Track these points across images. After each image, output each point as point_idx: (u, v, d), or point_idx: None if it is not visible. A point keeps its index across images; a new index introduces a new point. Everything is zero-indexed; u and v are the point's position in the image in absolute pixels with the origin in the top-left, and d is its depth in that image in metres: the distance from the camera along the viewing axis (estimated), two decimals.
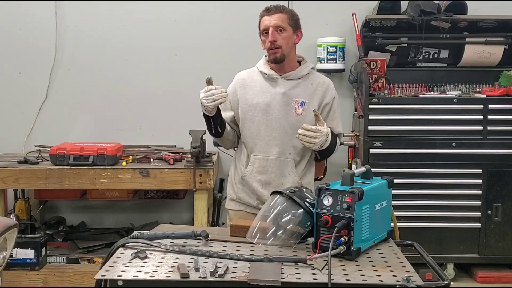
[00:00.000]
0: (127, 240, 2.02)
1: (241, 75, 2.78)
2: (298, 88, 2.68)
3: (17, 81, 4.34)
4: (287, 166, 2.68)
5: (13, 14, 4.31)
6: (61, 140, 3.99)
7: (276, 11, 2.63)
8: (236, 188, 2.77)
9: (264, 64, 2.73)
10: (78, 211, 4.40)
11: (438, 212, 3.78)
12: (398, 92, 3.99)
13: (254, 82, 2.72)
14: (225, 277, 1.70)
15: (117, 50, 4.33)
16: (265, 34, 2.64)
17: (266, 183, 2.68)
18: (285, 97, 2.66)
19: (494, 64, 4.11)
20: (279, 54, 2.62)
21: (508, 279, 3.77)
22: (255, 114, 2.68)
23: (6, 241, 2.46)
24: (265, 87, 2.69)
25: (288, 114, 2.65)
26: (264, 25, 2.64)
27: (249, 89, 2.71)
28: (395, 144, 3.76)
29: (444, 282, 1.73)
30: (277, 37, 2.61)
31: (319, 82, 2.73)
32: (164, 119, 4.36)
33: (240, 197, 2.75)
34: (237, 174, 2.78)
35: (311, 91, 2.69)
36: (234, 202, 2.80)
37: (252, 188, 2.70)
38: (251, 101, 2.68)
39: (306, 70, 2.71)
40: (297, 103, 2.65)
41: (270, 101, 2.66)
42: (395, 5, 4.11)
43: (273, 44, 2.60)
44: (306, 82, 2.70)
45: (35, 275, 3.60)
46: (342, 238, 1.85)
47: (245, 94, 2.71)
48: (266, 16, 2.65)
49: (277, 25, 2.61)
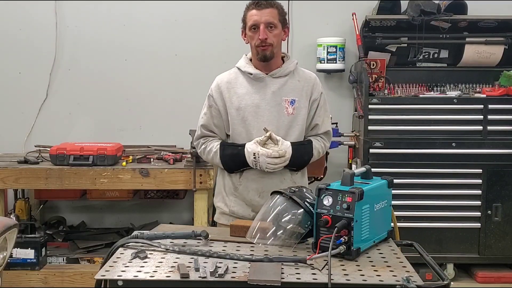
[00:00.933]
0: (127, 240, 2.01)
1: (223, 78, 2.58)
2: (286, 86, 2.52)
3: (17, 81, 4.34)
4: (283, 171, 2.50)
5: (13, 14, 4.31)
6: (61, 140, 3.98)
7: (267, 6, 2.45)
8: (228, 200, 2.57)
9: (247, 64, 2.55)
10: (78, 211, 4.40)
11: (438, 212, 3.78)
12: (398, 92, 3.99)
13: (239, 84, 2.54)
14: (225, 277, 1.70)
15: (117, 50, 4.34)
16: (254, 30, 2.46)
17: (263, 191, 2.49)
18: (274, 96, 2.50)
19: (494, 64, 4.11)
20: (268, 52, 2.46)
21: (508, 279, 3.77)
22: (245, 118, 2.49)
23: (6, 241, 2.45)
24: (252, 88, 2.51)
25: (279, 115, 2.49)
26: (253, 20, 2.45)
27: (234, 92, 2.52)
28: (395, 144, 3.77)
29: (444, 282, 1.73)
30: (268, 34, 2.43)
31: (305, 77, 2.58)
32: (164, 119, 4.36)
33: (234, 210, 2.56)
34: (228, 186, 2.58)
35: (299, 88, 2.54)
36: (227, 216, 2.58)
37: (248, 199, 2.53)
38: (239, 104, 2.50)
39: (292, 66, 2.55)
40: (287, 102, 2.50)
41: (260, 102, 2.49)
42: (395, 5, 4.12)
43: (264, 42, 2.43)
44: (293, 79, 2.55)
45: (35, 275, 3.60)
46: (342, 238, 1.84)
47: (231, 98, 2.52)
48: (255, 10, 2.45)
49: (268, 22, 2.44)
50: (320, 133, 2.62)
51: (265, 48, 2.45)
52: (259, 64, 2.52)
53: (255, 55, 2.51)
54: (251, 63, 2.55)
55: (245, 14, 2.51)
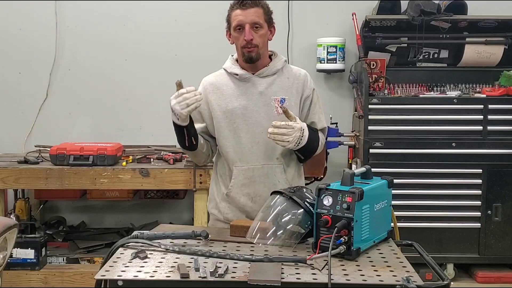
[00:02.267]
0: (127, 240, 2.01)
1: (208, 80, 2.50)
2: (274, 85, 2.43)
3: (17, 81, 4.34)
4: (276, 173, 2.42)
5: (13, 14, 4.31)
6: (61, 140, 3.98)
7: (252, 5, 2.35)
8: (221, 207, 2.50)
9: (233, 65, 2.47)
10: (78, 211, 4.40)
11: (438, 212, 3.78)
12: (398, 92, 3.99)
13: (225, 85, 2.46)
14: (225, 277, 1.70)
15: (117, 50, 4.34)
16: (238, 30, 2.37)
17: (255, 196, 2.42)
18: (262, 96, 2.41)
19: (494, 64, 4.11)
20: (254, 53, 2.37)
21: (508, 279, 3.77)
22: (232, 121, 2.41)
23: (6, 241, 2.45)
24: (238, 90, 2.43)
25: (269, 115, 2.39)
26: (238, 20, 2.35)
27: (220, 94, 2.45)
28: (395, 144, 3.76)
29: (444, 282, 1.73)
30: (254, 35, 2.34)
31: (295, 74, 2.48)
32: (164, 119, 4.29)
33: (228, 217, 2.47)
34: (219, 191, 2.52)
35: (289, 86, 2.45)
36: (222, 223, 2.51)
37: (240, 204, 2.44)
38: (225, 107, 2.42)
39: (279, 64, 2.47)
40: (277, 101, 2.41)
41: (247, 104, 2.41)
42: (395, 5, 4.12)
43: (250, 43, 2.35)
44: (281, 77, 2.45)
45: (35, 275, 3.60)
46: (342, 238, 1.84)
47: (217, 100, 2.44)
48: (239, 10, 2.35)
49: (254, 22, 2.34)
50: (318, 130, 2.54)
51: (250, 50, 2.37)
52: (245, 64, 2.44)
53: (241, 56, 2.43)
54: (237, 64, 2.47)
55: (229, 14, 2.42)
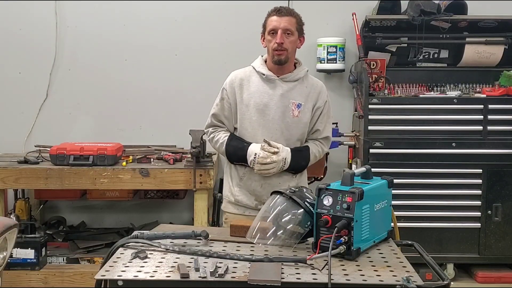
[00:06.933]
0: (127, 240, 2.02)
1: (237, 75, 2.77)
2: (295, 90, 2.71)
3: (17, 81, 4.34)
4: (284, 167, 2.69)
5: (13, 14, 4.31)
6: (61, 140, 3.98)
7: (286, 14, 2.67)
8: (233, 190, 2.78)
9: (261, 65, 2.74)
10: (78, 211, 4.40)
11: (438, 212, 3.78)
12: (398, 92, 3.99)
13: (251, 82, 2.72)
14: (225, 277, 1.70)
15: (117, 50, 4.34)
16: (272, 34, 2.66)
17: (265, 183, 2.70)
18: (282, 98, 2.68)
19: (494, 64, 4.11)
20: (283, 57, 2.65)
21: (508, 279, 3.77)
22: (252, 115, 2.69)
23: (6, 241, 2.46)
24: (262, 88, 2.70)
25: (285, 116, 2.68)
26: (272, 25, 2.65)
27: (245, 89, 2.72)
28: (395, 144, 3.77)
29: (444, 282, 1.74)
30: (284, 40, 2.63)
31: (312, 84, 2.77)
32: (164, 119, 4.36)
33: (239, 199, 2.76)
34: (234, 177, 2.79)
35: (306, 94, 2.73)
36: (233, 205, 2.80)
37: (251, 188, 2.73)
38: (248, 101, 2.70)
39: (302, 73, 2.75)
40: (294, 105, 2.69)
41: (268, 102, 2.68)
42: (395, 5, 4.12)
43: (280, 46, 2.62)
44: (301, 84, 2.74)
45: (35, 275, 3.60)
46: (342, 238, 1.85)
47: (242, 94, 2.72)
48: (276, 16, 2.66)
49: (286, 28, 2.64)
50: (320, 138, 2.81)
51: (280, 53, 2.64)
52: (273, 66, 2.71)
53: (270, 58, 2.70)
54: (266, 65, 2.73)
55: (266, 19, 2.71)
